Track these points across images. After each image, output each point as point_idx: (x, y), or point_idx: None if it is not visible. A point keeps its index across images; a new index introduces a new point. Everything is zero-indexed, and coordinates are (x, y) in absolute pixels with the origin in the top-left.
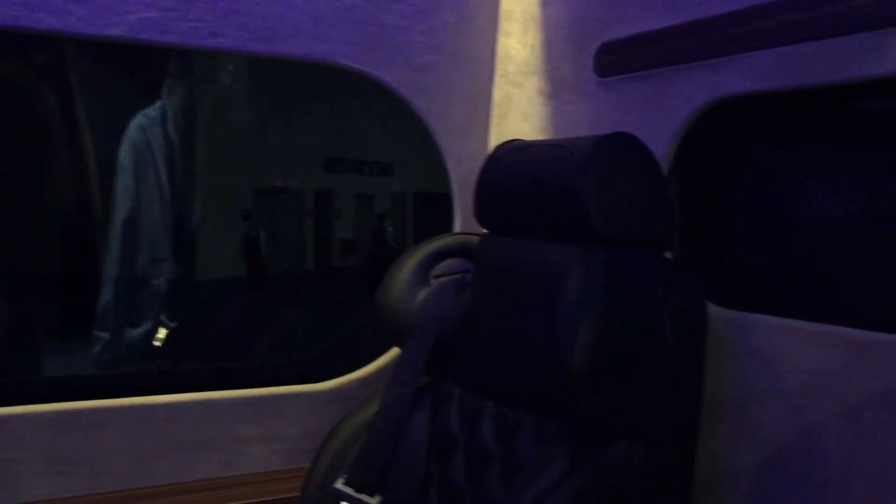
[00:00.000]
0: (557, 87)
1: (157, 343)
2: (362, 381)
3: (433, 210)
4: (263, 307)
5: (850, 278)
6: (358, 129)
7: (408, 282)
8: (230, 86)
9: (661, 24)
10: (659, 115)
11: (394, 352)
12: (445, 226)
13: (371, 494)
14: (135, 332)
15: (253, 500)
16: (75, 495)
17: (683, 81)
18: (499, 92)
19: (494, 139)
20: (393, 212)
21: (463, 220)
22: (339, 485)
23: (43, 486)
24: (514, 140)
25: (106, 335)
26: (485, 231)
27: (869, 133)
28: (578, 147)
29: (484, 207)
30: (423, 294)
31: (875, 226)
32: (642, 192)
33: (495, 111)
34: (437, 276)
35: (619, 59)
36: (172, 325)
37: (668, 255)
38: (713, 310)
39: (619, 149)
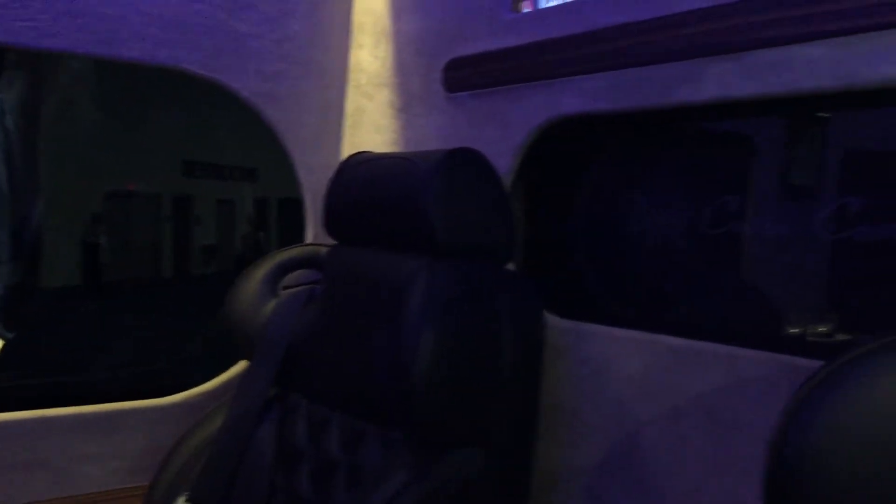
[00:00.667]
0: (408, 100)
1: None
2: (209, 395)
3: (299, 217)
4: (111, 317)
5: (674, 290)
6: (219, 133)
7: (256, 293)
8: (80, 82)
9: (506, 43)
10: (503, 131)
11: (242, 364)
12: None
13: None
14: None
15: None
16: None
17: (525, 99)
18: (351, 103)
19: (347, 150)
20: (258, 218)
21: (315, 230)
22: (182, 502)
23: None
24: (364, 152)
25: None
26: (334, 242)
27: (690, 155)
28: (424, 161)
29: (333, 218)
30: (271, 305)
31: (695, 241)
32: (485, 206)
33: (348, 122)
34: (286, 288)
35: (466, 76)
36: (9, 335)
37: (510, 266)
38: (551, 320)
39: (463, 163)
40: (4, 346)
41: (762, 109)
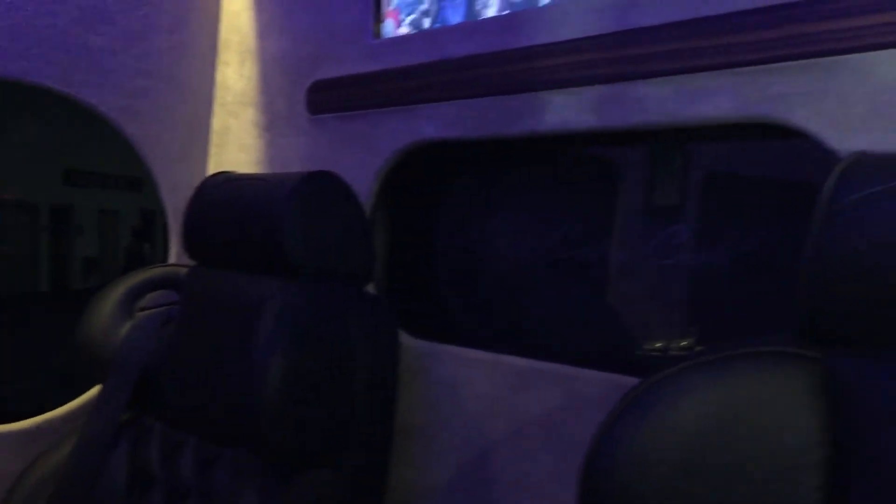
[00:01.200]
0: (272, 120)
1: None
2: (63, 419)
3: None
4: None
5: (523, 312)
6: (106, 142)
7: (110, 315)
8: None
9: (367, 68)
10: (364, 155)
11: (96, 390)
12: None
13: None
14: None
15: None
16: None
17: (385, 124)
18: (217, 121)
19: (213, 168)
20: (143, 229)
21: (178, 250)
22: None
23: None
24: (224, 172)
25: None
26: (193, 263)
27: (540, 182)
28: (282, 183)
29: (191, 239)
30: (126, 327)
31: (545, 264)
32: (342, 229)
33: (214, 140)
34: (143, 309)
35: (328, 99)
36: None
37: (370, 288)
38: (408, 341)
39: (320, 186)
40: None
41: (608, 139)
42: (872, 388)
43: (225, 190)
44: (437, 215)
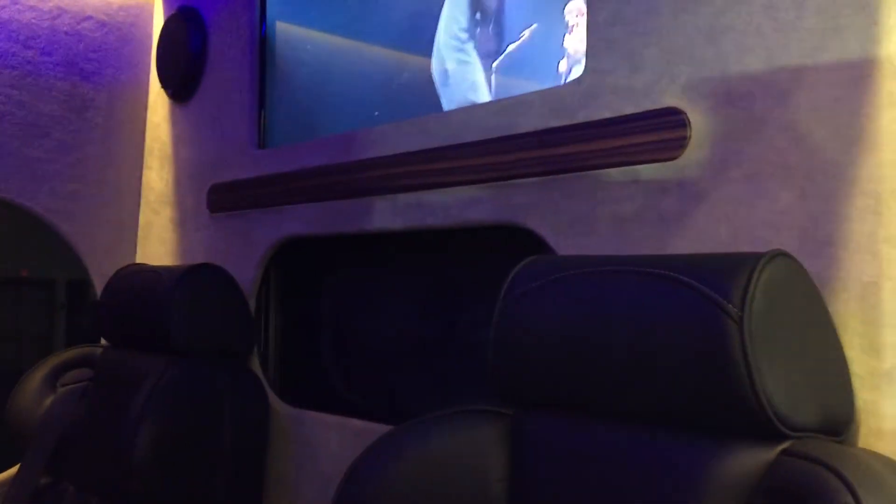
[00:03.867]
0: (184, 217)
1: None
2: None
3: None
4: None
5: (373, 381)
6: None
7: (35, 391)
8: None
9: (251, 174)
10: (248, 248)
11: None
12: None
13: None
14: None
15: None
16: None
17: (262, 222)
18: (143, 218)
19: (140, 259)
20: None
21: None
22: None
23: None
24: (134, 264)
25: None
26: (107, 345)
27: (391, 270)
28: (170, 274)
29: (104, 322)
30: (48, 401)
31: (391, 341)
32: (222, 314)
33: (140, 234)
34: (63, 385)
35: (221, 199)
36: None
37: (254, 363)
38: (282, 408)
39: (204, 276)
40: None
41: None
42: (542, 433)
43: (129, 280)
44: (317, 301)
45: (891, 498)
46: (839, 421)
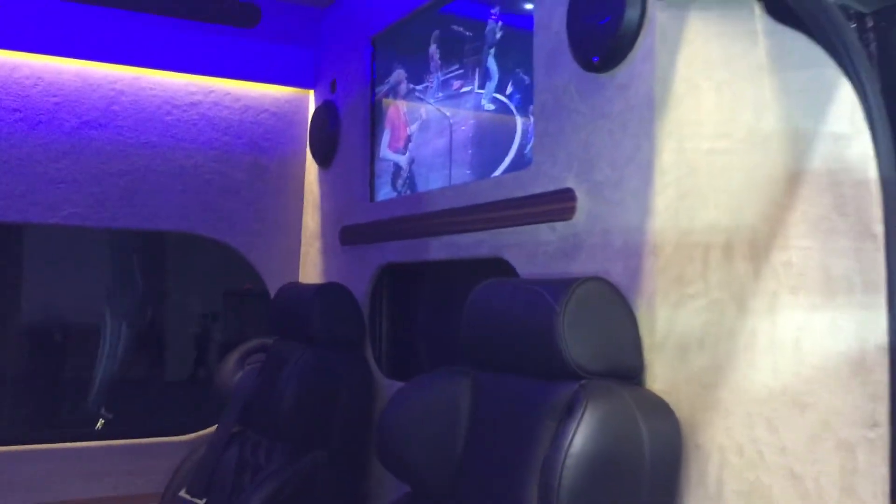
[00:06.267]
0: (326, 248)
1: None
2: (208, 434)
3: None
4: None
5: (438, 356)
6: None
7: (231, 369)
8: None
9: (365, 220)
10: (363, 270)
11: None
12: None
13: (200, 498)
14: None
15: None
16: None
17: (371, 253)
18: (302, 249)
19: (301, 278)
20: None
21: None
22: (182, 493)
23: None
24: (292, 282)
25: None
26: (276, 337)
27: (442, 284)
28: (310, 290)
29: (272, 322)
30: (238, 375)
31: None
32: (344, 315)
33: (302, 261)
34: (248, 364)
35: (348, 237)
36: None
37: (367, 351)
38: (385, 381)
39: (332, 291)
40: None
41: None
42: (489, 387)
43: (290, 291)
44: (407, 307)
45: (611, 405)
46: (630, 371)
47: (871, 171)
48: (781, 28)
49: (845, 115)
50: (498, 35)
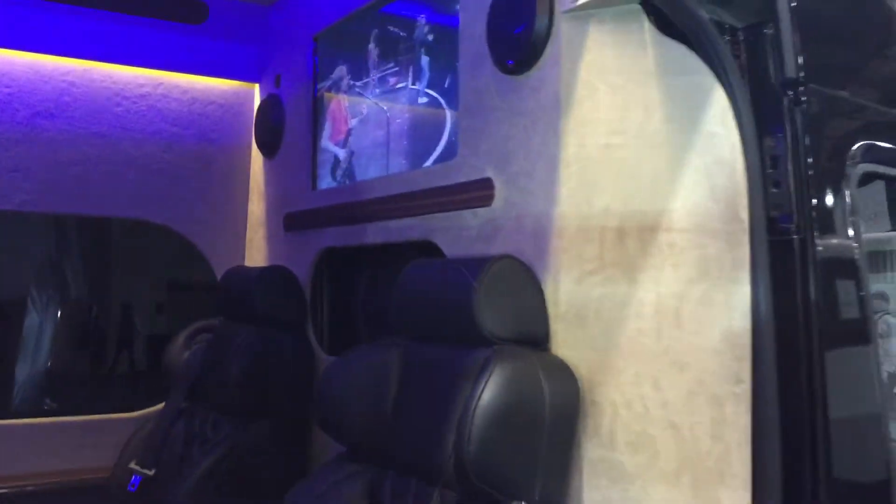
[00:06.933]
0: (271, 234)
1: None
2: (156, 411)
3: None
4: None
5: (373, 331)
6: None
7: (180, 347)
8: None
9: (306, 207)
10: (305, 255)
11: None
12: None
13: (150, 469)
14: None
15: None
16: None
17: (313, 238)
18: (248, 234)
19: (246, 262)
20: None
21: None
22: (133, 464)
23: None
24: (238, 266)
25: None
26: (222, 318)
27: (376, 266)
28: (254, 272)
29: (220, 302)
30: (186, 354)
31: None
32: (285, 298)
33: (247, 246)
34: (196, 343)
35: (291, 223)
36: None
37: (308, 329)
38: (324, 357)
39: (277, 273)
40: None
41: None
42: (416, 355)
43: (235, 274)
44: (344, 288)
45: (516, 366)
46: (538, 338)
47: (739, 164)
48: (667, 40)
49: (718, 116)
50: (429, 36)
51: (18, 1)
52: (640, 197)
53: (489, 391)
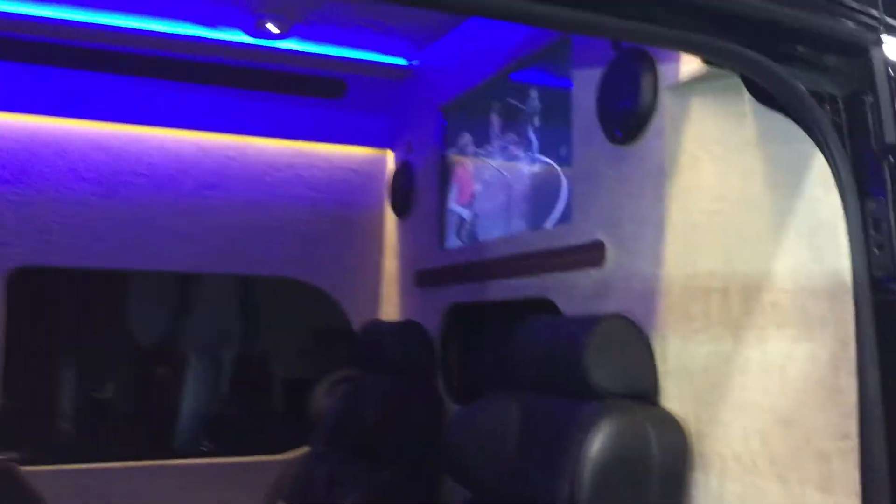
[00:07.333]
0: (405, 289)
1: None
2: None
3: None
4: None
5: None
6: None
7: (322, 395)
8: None
9: (438, 265)
10: (435, 309)
11: None
12: None
13: None
14: None
15: None
16: None
17: (441, 293)
18: (383, 290)
19: (382, 316)
20: None
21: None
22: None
23: None
24: (375, 320)
25: None
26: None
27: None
28: (395, 327)
29: (356, 355)
30: (328, 402)
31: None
32: (416, 349)
33: (382, 300)
34: (336, 391)
35: (421, 280)
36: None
37: (438, 378)
38: (451, 405)
39: (409, 327)
40: None
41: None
42: (532, 406)
43: (375, 328)
44: (472, 340)
45: (623, 419)
46: (647, 392)
47: (841, 226)
48: (766, 109)
49: (819, 181)
50: (545, 105)
51: (187, 88)
52: (743, 259)
53: (597, 442)
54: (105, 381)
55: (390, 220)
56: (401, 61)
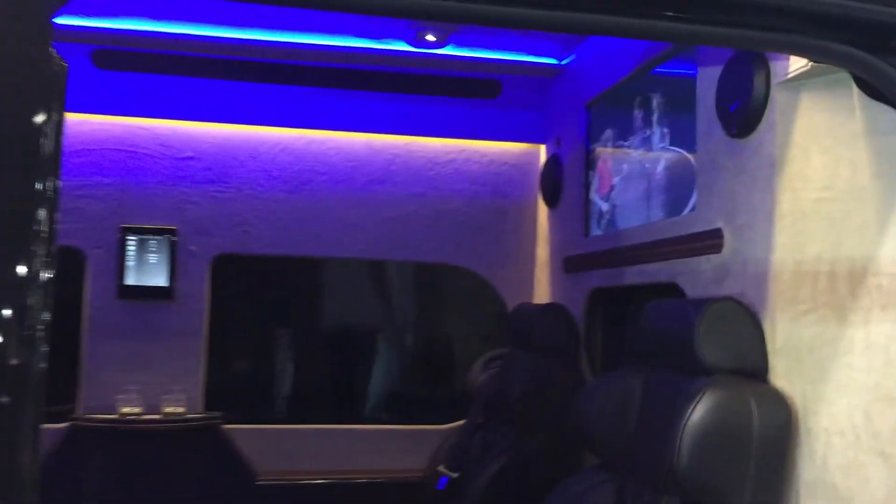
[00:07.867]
0: (554, 274)
1: None
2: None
3: None
4: None
5: None
6: None
7: (478, 371)
8: None
9: (580, 251)
10: (579, 293)
11: None
12: None
13: (455, 472)
14: None
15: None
16: None
17: (584, 278)
18: (536, 275)
19: (534, 299)
20: None
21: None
22: (441, 468)
23: None
24: (525, 302)
25: None
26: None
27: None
28: (537, 309)
29: (509, 334)
30: (483, 377)
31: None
32: (561, 329)
33: (535, 284)
34: (490, 368)
35: (568, 266)
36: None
37: (582, 358)
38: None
39: (555, 310)
40: None
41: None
42: (654, 380)
43: (526, 309)
44: (613, 321)
45: (726, 392)
46: (757, 370)
47: None
48: (874, 103)
49: None
50: (682, 100)
51: (358, 95)
52: (849, 245)
53: (698, 413)
54: (294, 354)
55: (542, 210)
56: (551, 60)
